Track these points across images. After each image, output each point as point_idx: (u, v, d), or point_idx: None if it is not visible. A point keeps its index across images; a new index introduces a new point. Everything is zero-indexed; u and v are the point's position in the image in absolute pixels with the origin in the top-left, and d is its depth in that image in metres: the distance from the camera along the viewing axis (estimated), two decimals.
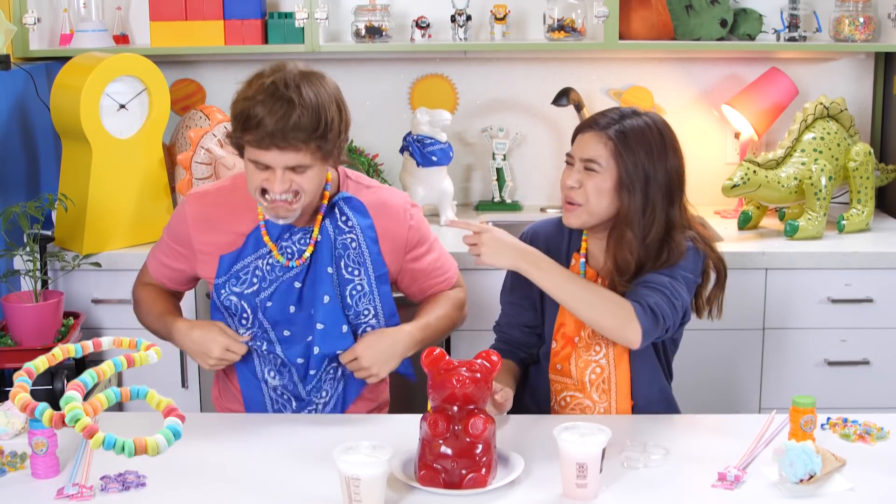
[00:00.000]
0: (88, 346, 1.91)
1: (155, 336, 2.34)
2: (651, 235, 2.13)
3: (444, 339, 3.06)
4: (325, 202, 2.21)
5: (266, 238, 2.21)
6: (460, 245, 2.23)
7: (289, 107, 2.02)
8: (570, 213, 2.18)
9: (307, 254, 2.20)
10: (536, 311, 2.29)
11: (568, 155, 2.20)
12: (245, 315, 2.23)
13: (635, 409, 2.21)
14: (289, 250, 2.21)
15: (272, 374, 2.26)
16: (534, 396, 2.31)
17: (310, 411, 2.27)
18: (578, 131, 2.21)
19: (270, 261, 2.21)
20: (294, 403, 2.27)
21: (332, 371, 2.26)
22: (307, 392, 2.26)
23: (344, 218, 2.22)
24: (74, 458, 1.91)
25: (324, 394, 2.26)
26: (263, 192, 2.11)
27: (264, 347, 2.24)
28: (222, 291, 2.22)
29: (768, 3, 3.53)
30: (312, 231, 2.21)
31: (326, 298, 2.20)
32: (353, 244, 2.22)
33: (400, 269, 2.31)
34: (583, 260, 2.24)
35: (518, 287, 2.30)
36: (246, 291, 2.21)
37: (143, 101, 3.07)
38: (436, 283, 2.37)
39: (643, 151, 2.12)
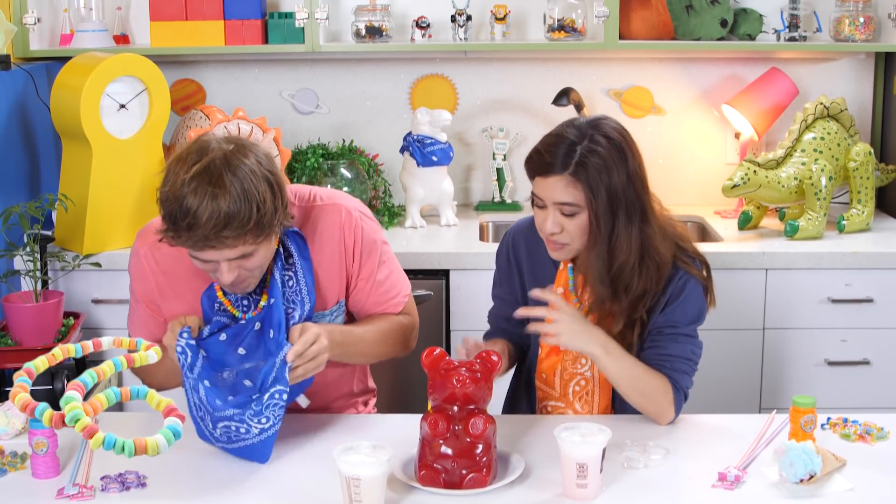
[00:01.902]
0: (88, 346, 1.91)
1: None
2: (623, 252, 2.07)
3: (445, 344, 3.07)
4: (276, 245, 2.08)
5: (220, 294, 2.09)
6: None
7: (214, 205, 1.88)
8: (559, 252, 2.14)
9: (262, 303, 2.08)
10: (520, 306, 2.23)
11: (536, 196, 2.11)
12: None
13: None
14: (244, 301, 2.09)
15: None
16: (528, 389, 2.30)
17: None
18: (538, 173, 2.09)
19: (226, 314, 2.10)
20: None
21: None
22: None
23: (287, 254, 2.10)
24: (74, 459, 1.91)
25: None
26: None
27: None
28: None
29: (768, 3, 3.53)
30: (265, 278, 2.09)
31: (272, 333, 2.05)
32: (291, 282, 2.10)
33: (347, 290, 2.21)
34: (570, 265, 2.20)
35: (505, 282, 2.31)
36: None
37: (143, 101, 3.07)
38: (378, 302, 2.23)
39: (605, 174, 2.04)
